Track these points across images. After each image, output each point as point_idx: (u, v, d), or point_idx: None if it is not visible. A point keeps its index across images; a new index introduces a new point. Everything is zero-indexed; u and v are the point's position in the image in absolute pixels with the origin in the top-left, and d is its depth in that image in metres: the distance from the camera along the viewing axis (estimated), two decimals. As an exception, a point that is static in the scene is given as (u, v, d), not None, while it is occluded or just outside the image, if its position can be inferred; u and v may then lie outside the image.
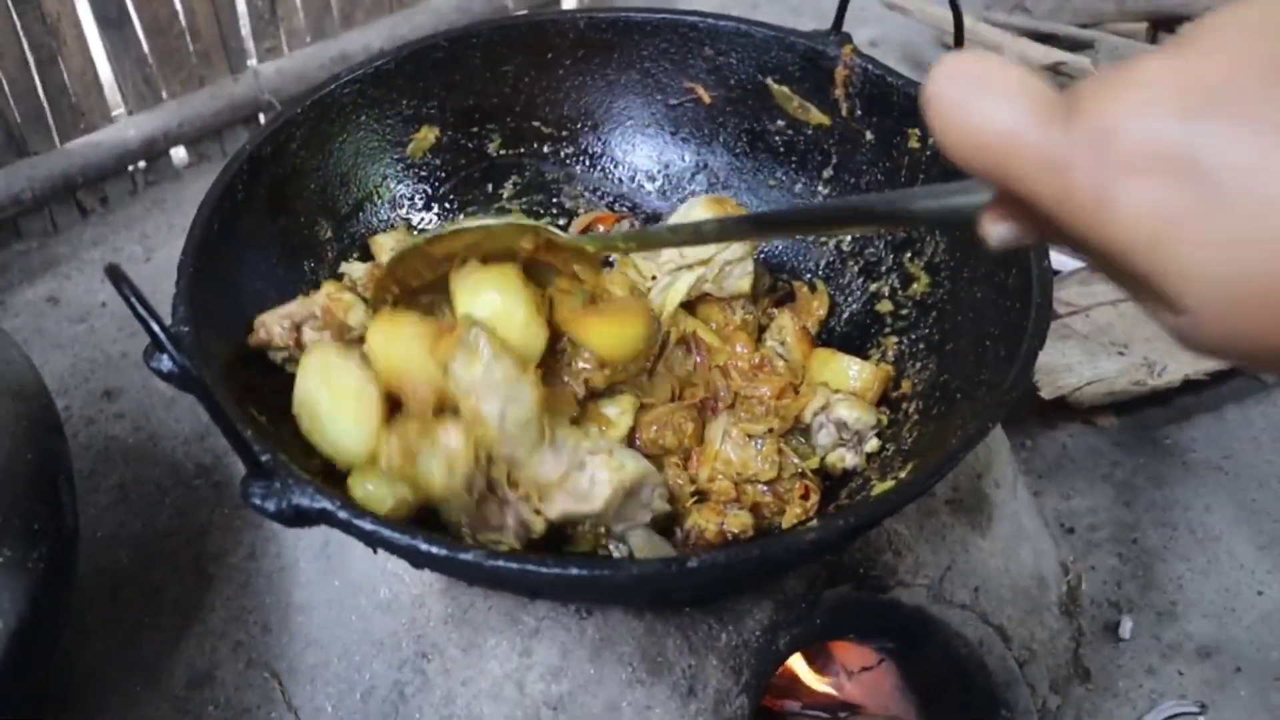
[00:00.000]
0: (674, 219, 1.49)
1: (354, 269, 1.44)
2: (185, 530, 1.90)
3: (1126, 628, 1.82)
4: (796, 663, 1.59)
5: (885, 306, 1.48)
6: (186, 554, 1.85)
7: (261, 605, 1.72)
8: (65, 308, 2.42)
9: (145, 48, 2.56)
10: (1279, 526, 1.99)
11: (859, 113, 1.52)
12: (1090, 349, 2.11)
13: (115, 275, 0.85)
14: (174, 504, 1.96)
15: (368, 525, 0.94)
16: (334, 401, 1.13)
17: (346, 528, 0.96)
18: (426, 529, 1.05)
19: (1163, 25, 2.71)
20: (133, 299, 0.84)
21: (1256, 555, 1.94)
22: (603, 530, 1.13)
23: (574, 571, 0.90)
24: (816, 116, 1.55)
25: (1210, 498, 2.04)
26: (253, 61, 2.80)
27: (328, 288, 1.29)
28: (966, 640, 1.47)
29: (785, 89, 1.56)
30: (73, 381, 2.24)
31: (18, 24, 2.31)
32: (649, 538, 1.17)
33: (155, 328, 0.85)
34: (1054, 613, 1.63)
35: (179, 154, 2.78)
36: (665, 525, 1.21)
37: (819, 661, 1.62)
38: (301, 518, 0.97)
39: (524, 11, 3.07)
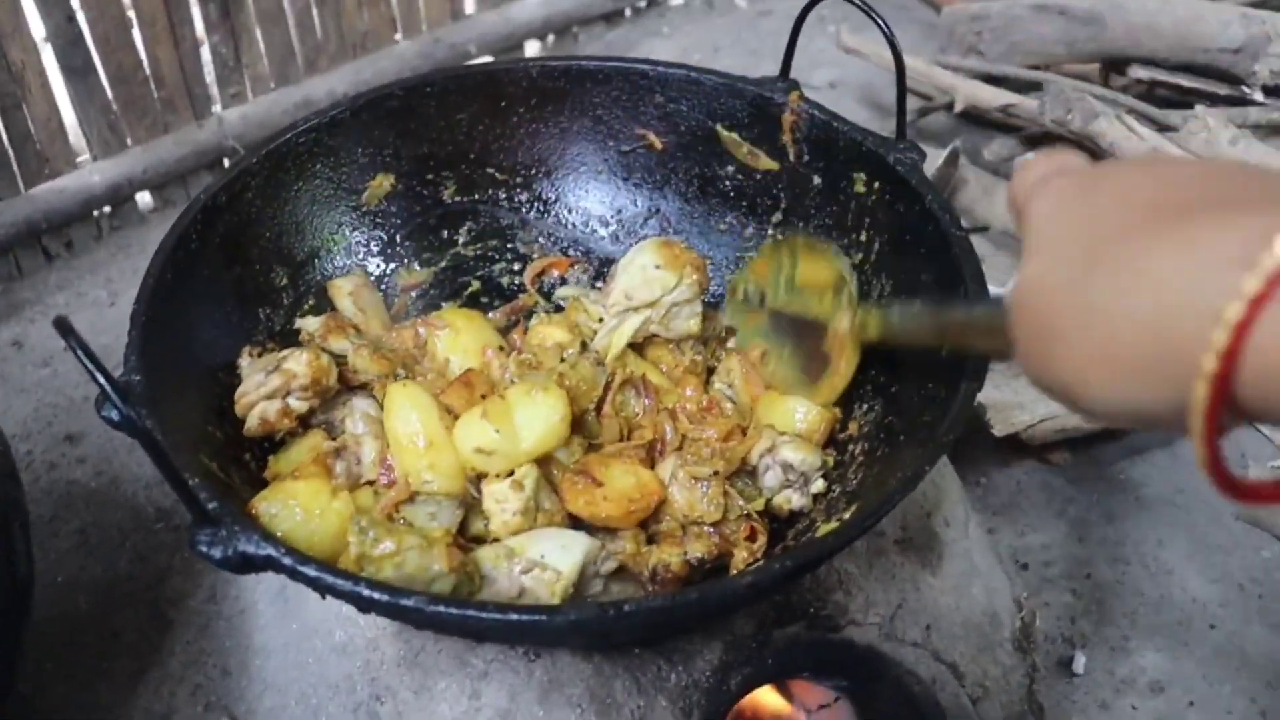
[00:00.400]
0: (623, 260, 1.51)
1: (309, 323, 1.45)
2: (145, 574, 1.90)
3: (1080, 663, 1.84)
4: (756, 700, 1.60)
5: (833, 349, 1.50)
6: (146, 598, 1.85)
7: (221, 649, 1.72)
8: (29, 352, 2.43)
9: (110, 95, 2.58)
10: (1231, 560, 2.01)
11: (806, 157, 1.55)
12: (1043, 387, 2.13)
13: (63, 328, 0.87)
14: (135, 548, 1.96)
15: (312, 571, 0.96)
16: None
17: (292, 574, 0.98)
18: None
19: (1113, 67, 2.76)
20: (79, 351, 0.86)
21: (1208, 589, 1.96)
22: None
23: (513, 617, 0.91)
24: (765, 162, 1.58)
25: (1163, 532, 2.06)
26: (217, 108, 2.81)
27: (308, 356, 1.31)
28: (919, 678, 1.48)
29: (734, 135, 1.59)
30: (35, 426, 2.24)
31: (-19, 72, 2.33)
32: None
33: (100, 379, 0.87)
34: (1007, 649, 1.64)
35: (144, 199, 2.79)
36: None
37: (777, 699, 1.63)
38: (248, 564, 0.98)
39: (481, 60, 3.11)
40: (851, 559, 1.45)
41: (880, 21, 1.42)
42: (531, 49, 3.37)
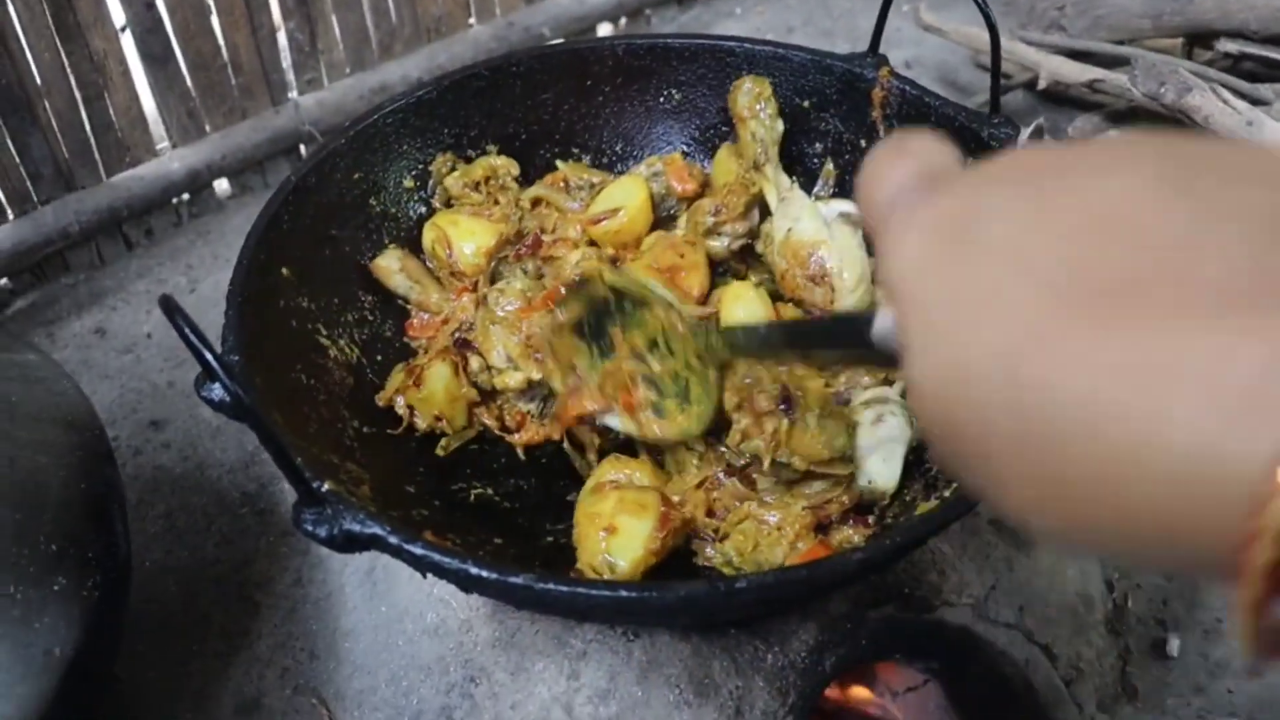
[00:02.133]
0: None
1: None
2: (232, 558, 1.91)
3: (1174, 645, 1.80)
4: (842, 683, 1.59)
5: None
6: (233, 581, 1.87)
7: (308, 631, 1.73)
8: (112, 339, 2.45)
9: (189, 82, 2.60)
10: (1327, 543, 1.96)
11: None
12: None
13: (168, 307, 0.87)
14: (220, 532, 1.97)
15: (418, 550, 0.95)
16: None
17: (397, 553, 0.98)
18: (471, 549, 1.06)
19: (1199, 41, 2.70)
20: (186, 329, 0.86)
21: (1305, 572, 1.92)
22: None
23: (623, 594, 0.91)
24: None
25: (1257, 514, 2.02)
26: (293, 94, 2.82)
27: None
28: (1012, 660, 1.46)
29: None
30: (120, 412, 2.26)
31: (65, 62, 2.35)
32: None
33: (209, 357, 0.87)
34: (1100, 631, 1.62)
35: (222, 186, 2.81)
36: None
37: (865, 681, 1.62)
38: (352, 543, 0.98)
39: (562, 40, 3.10)
40: (946, 538, 1.44)
41: (975, -6, 1.40)
42: (604, 30, 3.36)
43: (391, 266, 1.50)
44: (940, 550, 1.41)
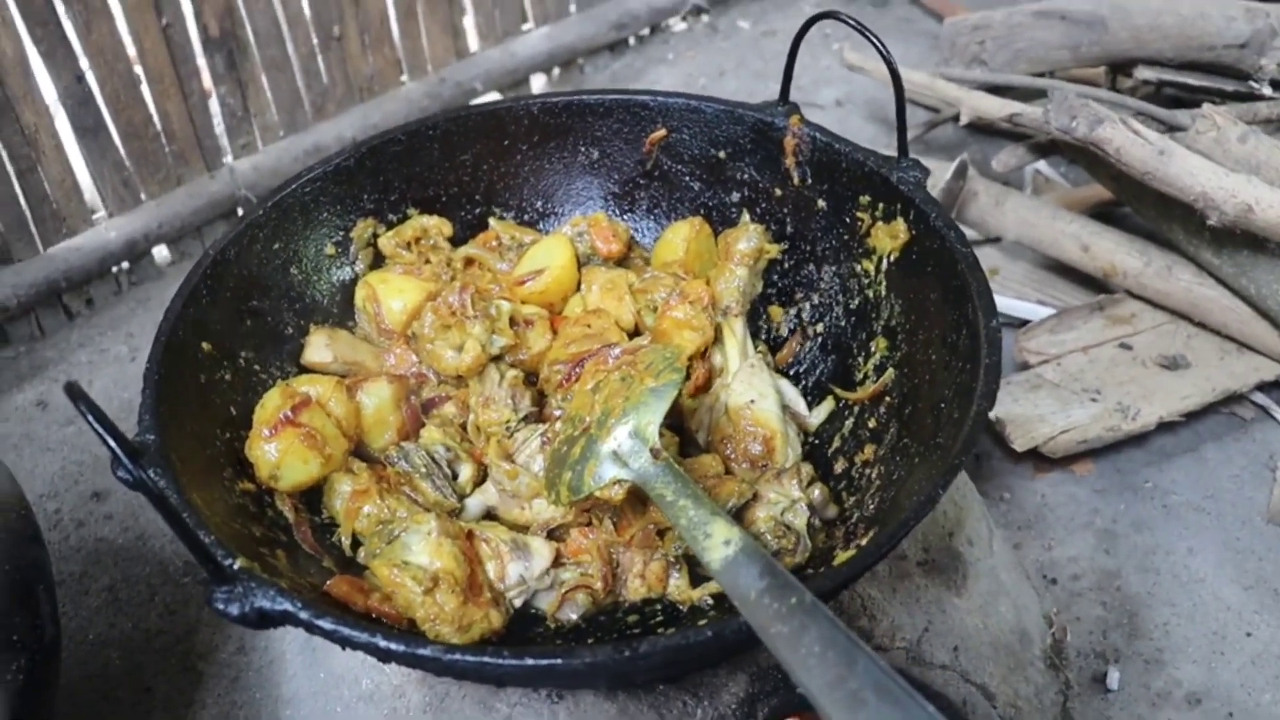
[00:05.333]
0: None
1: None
2: (175, 628, 1.91)
3: (1114, 678, 1.82)
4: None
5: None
6: (177, 652, 1.86)
7: (251, 700, 1.72)
8: (54, 411, 2.44)
9: (122, 152, 2.60)
10: (1264, 565, 1.99)
11: (810, 180, 1.55)
12: (1062, 397, 2.12)
13: (73, 393, 0.87)
14: (164, 602, 1.97)
15: (328, 625, 0.96)
16: None
17: (309, 627, 0.98)
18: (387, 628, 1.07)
19: (1119, 69, 2.75)
20: (89, 415, 0.86)
21: (1243, 596, 1.94)
22: None
23: (529, 662, 0.91)
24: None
25: (1193, 540, 2.04)
26: (228, 158, 2.83)
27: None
28: (949, 701, 1.47)
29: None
30: (63, 484, 2.26)
31: (-4, 136, 2.36)
32: None
33: (110, 441, 0.87)
34: (1039, 667, 1.63)
35: (161, 253, 2.82)
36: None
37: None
38: (265, 620, 0.99)
39: (488, 96, 3.12)
40: (874, 584, 1.44)
41: (876, 42, 1.42)
42: (538, 82, 3.39)
43: (323, 358, 1.50)
44: (869, 595, 1.42)
